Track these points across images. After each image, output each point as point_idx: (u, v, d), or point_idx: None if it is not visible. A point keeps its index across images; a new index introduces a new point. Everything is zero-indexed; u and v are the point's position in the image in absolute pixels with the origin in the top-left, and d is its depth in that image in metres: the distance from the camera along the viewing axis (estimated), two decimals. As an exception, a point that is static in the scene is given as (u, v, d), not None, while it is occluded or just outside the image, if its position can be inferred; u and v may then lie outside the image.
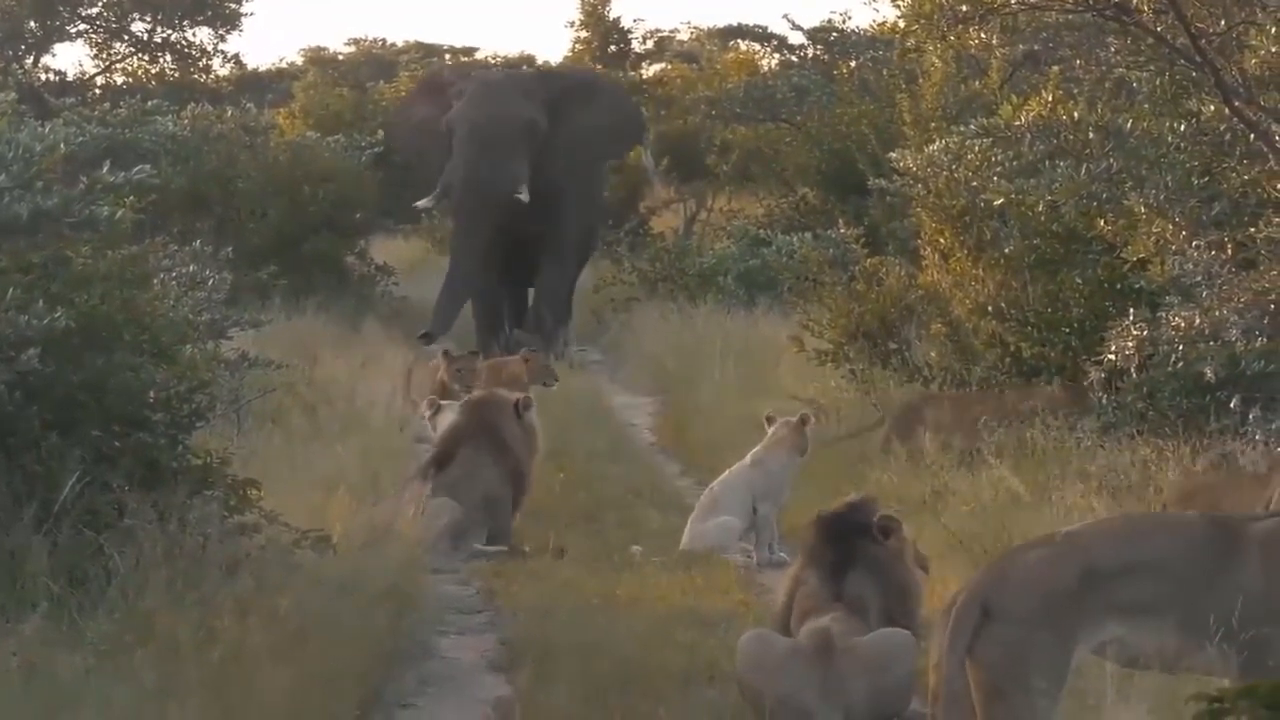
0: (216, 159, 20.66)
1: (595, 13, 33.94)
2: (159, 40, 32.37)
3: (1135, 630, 6.14)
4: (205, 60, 32.68)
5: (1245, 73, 10.28)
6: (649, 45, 35.53)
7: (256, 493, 8.69)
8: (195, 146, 20.53)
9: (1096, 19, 11.21)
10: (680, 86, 29.62)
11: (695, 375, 16.41)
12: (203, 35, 32.33)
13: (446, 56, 47.76)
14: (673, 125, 28.12)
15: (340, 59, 47.78)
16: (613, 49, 33.88)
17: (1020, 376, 12.44)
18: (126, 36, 32.48)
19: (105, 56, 32.54)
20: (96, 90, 31.17)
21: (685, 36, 38.82)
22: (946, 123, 14.76)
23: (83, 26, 32.40)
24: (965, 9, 10.68)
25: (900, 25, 17.73)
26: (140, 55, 32.54)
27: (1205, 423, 10.75)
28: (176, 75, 32.20)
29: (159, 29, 32.26)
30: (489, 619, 9.67)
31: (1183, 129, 10.71)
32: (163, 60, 32.51)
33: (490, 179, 19.54)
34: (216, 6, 32.13)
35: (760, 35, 35.73)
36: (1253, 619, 6.01)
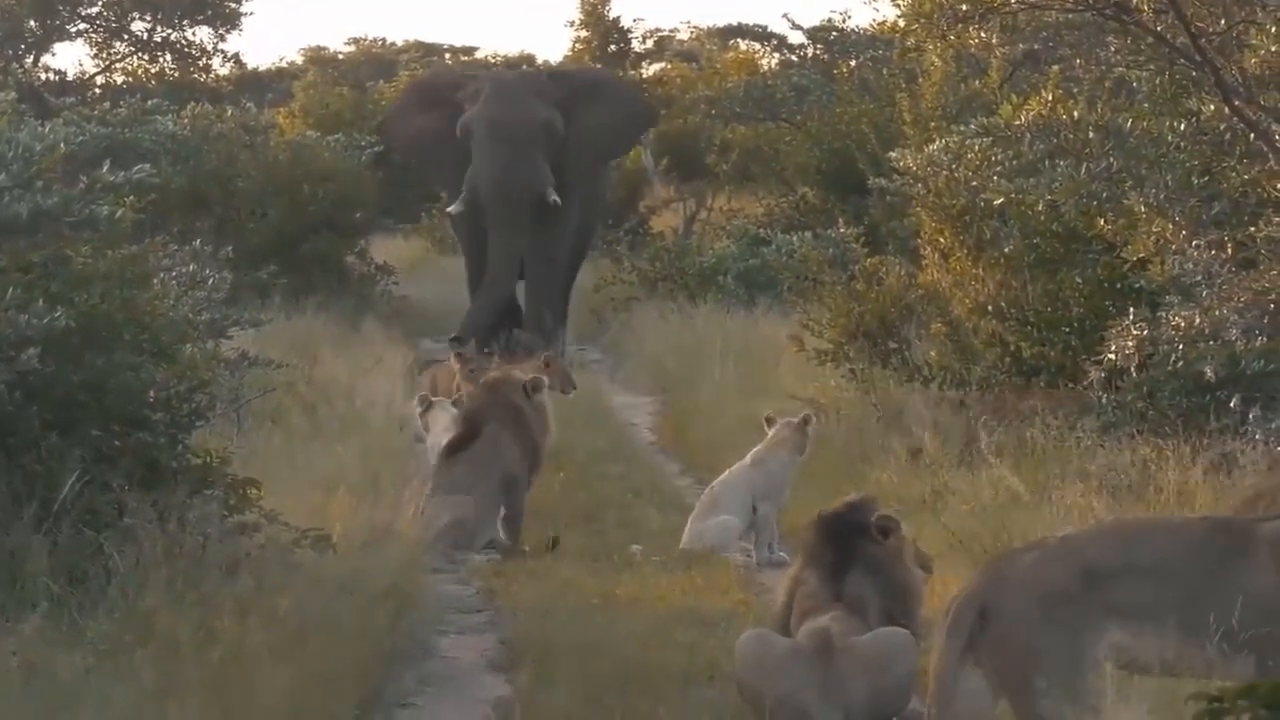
0: (216, 158, 20.66)
1: (595, 12, 33.96)
2: (159, 40, 32.39)
3: (1136, 633, 6.13)
4: (205, 60, 32.72)
5: (1245, 72, 10.28)
6: (649, 45, 35.62)
7: (256, 492, 8.68)
8: (195, 146, 20.53)
9: (1096, 18, 11.21)
10: (680, 86, 29.63)
11: (695, 375, 16.41)
12: (203, 35, 32.40)
13: (446, 56, 47.85)
14: (673, 125, 28.13)
15: (340, 58, 47.85)
16: (612, 48, 33.90)
17: (1020, 376, 12.44)
18: (126, 36, 32.49)
19: (105, 56, 32.57)
20: (96, 90, 31.19)
21: (685, 36, 38.90)
22: (946, 122, 14.77)
23: (83, 26, 32.43)
24: (965, 8, 10.68)
25: (900, 24, 17.74)
26: (140, 55, 32.57)
27: (1205, 422, 10.74)
28: (176, 75, 32.21)
29: (159, 28, 32.28)
30: (489, 619, 9.67)
31: (1183, 128, 10.70)
32: (163, 60, 32.54)
33: (519, 180, 19.47)
34: (216, 6, 32.14)
35: (760, 35, 35.78)
36: (1265, 620, 5.98)
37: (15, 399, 7.88)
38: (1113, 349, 10.55)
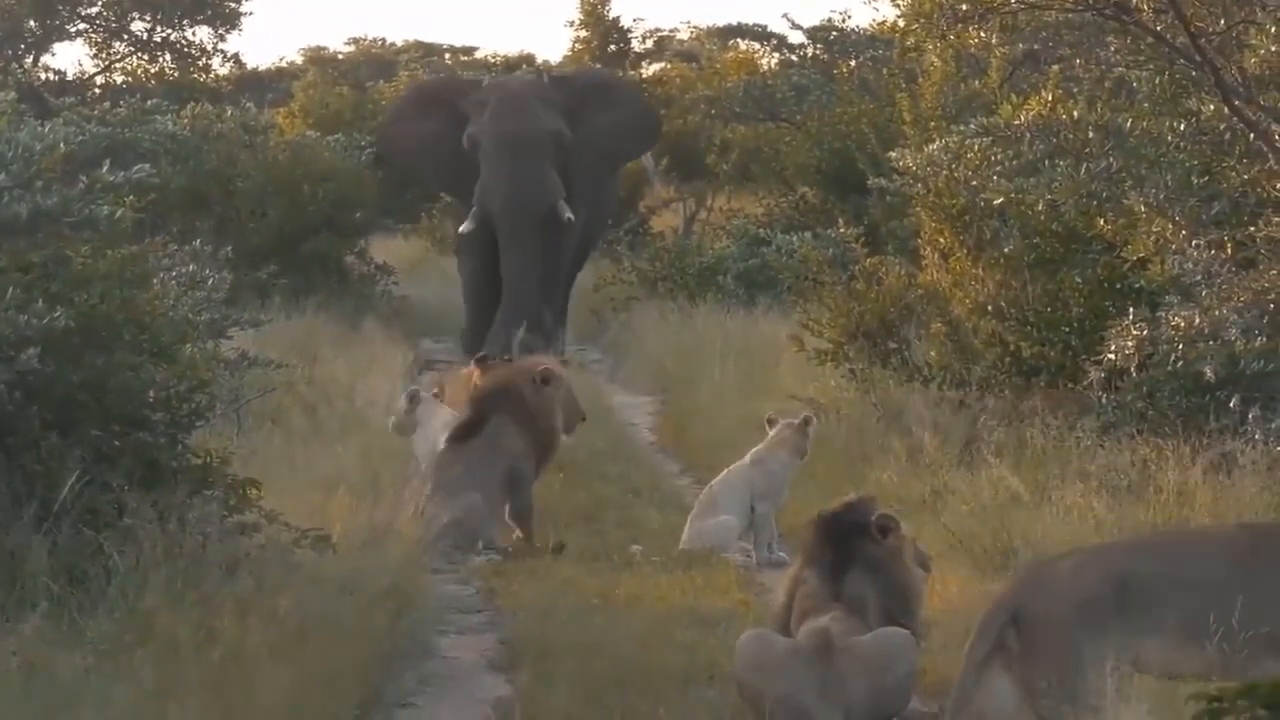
0: (216, 158, 20.64)
1: (595, 12, 33.95)
2: (159, 40, 32.37)
3: (1174, 644, 6.06)
4: (205, 60, 32.67)
5: (1245, 72, 10.27)
6: (649, 44, 35.60)
7: (256, 492, 8.68)
8: (195, 146, 20.51)
9: (1096, 18, 11.19)
10: (680, 86, 29.61)
11: (695, 375, 16.41)
12: (202, 35, 32.36)
13: (446, 56, 47.84)
14: (672, 124, 28.10)
15: (340, 58, 47.87)
16: (612, 48, 33.89)
17: (1020, 376, 12.43)
18: (126, 36, 32.47)
19: (105, 56, 32.54)
20: (96, 89, 31.18)
21: (685, 36, 38.89)
22: (946, 122, 14.75)
23: (82, 26, 32.41)
24: (965, 8, 10.67)
25: (900, 24, 17.73)
26: (140, 55, 32.54)
27: (1205, 422, 10.75)
28: (176, 75, 32.18)
29: (159, 28, 32.26)
30: (489, 618, 9.67)
31: (1182, 128, 10.69)
32: (162, 60, 32.51)
33: (532, 197, 19.39)
34: (216, 6, 32.13)
35: (760, 34, 35.78)
36: None
37: (15, 399, 7.88)
38: (1112, 349, 10.54)
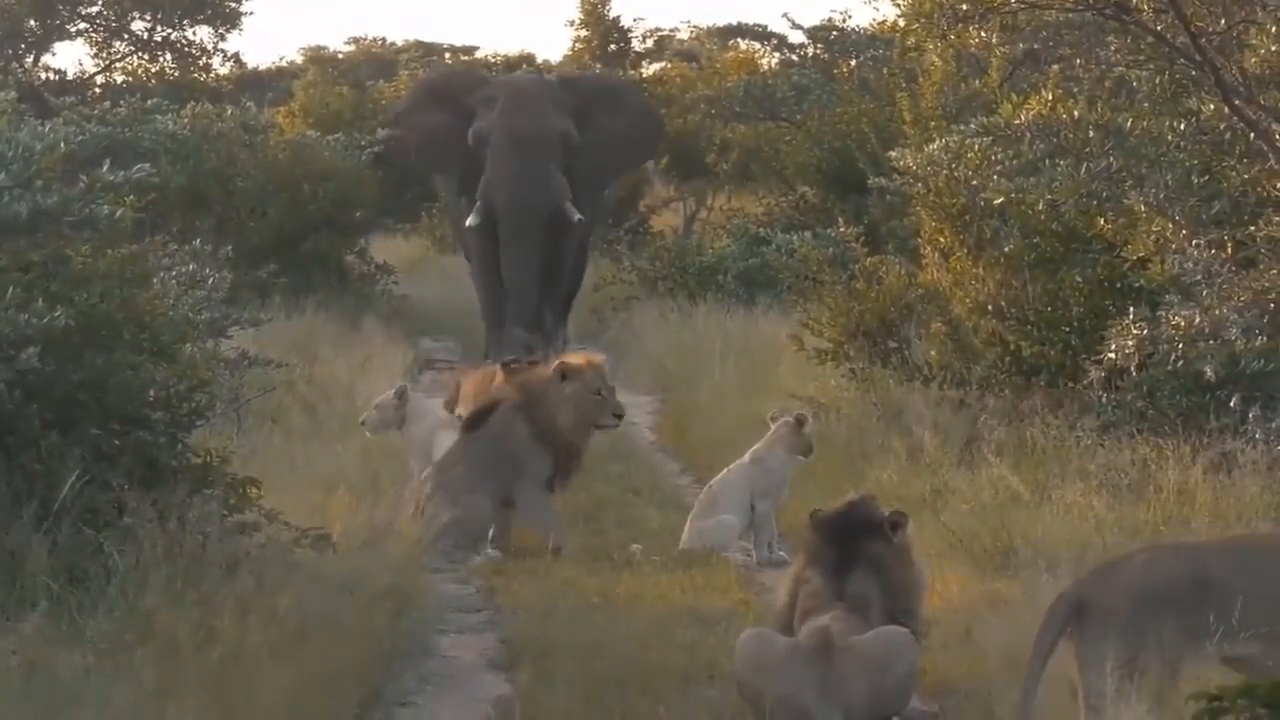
0: (216, 158, 20.64)
1: (595, 11, 33.92)
2: (159, 39, 32.38)
3: (1250, 652, 5.97)
4: (205, 59, 32.69)
5: (1245, 72, 10.28)
6: (649, 44, 35.52)
7: (256, 491, 8.68)
8: (195, 145, 20.51)
9: (1096, 18, 11.21)
10: (680, 85, 29.60)
11: (695, 374, 16.41)
12: (203, 34, 32.37)
13: (447, 56, 47.78)
14: (672, 124, 28.10)
15: (340, 58, 47.82)
16: (612, 48, 33.86)
17: (1020, 375, 12.43)
18: (126, 35, 32.48)
19: (105, 55, 32.56)
20: (96, 89, 31.19)
21: (685, 35, 38.83)
22: (946, 121, 14.75)
23: (82, 25, 32.42)
24: (965, 8, 10.68)
25: (900, 24, 17.76)
26: (140, 54, 32.55)
27: (1205, 421, 10.74)
28: (176, 74, 32.19)
29: (159, 28, 32.27)
30: (489, 618, 9.67)
31: (1182, 128, 10.70)
32: (162, 59, 32.52)
33: (537, 196, 19.39)
34: (216, 5, 32.14)
35: (760, 34, 35.75)
36: None
37: (15, 398, 7.89)
38: (1113, 348, 10.55)
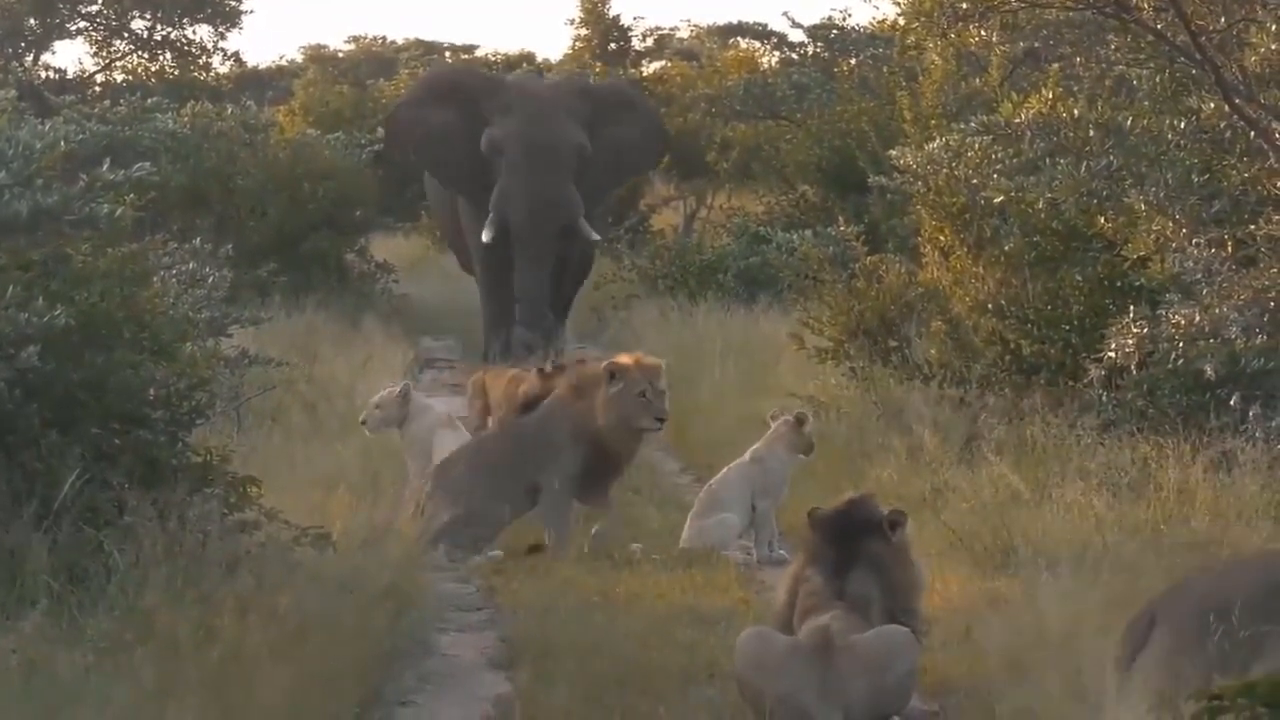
0: (216, 157, 20.63)
1: (595, 10, 33.94)
2: (159, 38, 32.39)
3: None
4: (205, 58, 32.69)
5: (1245, 70, 10.29)
6: (649, 43, 35.57)
7: (256, 490, 8.68)
8: (195, 144, 20.50)
9: (1096, 16, 11.21)
10: (680, 84, 29.62)
11: (695, 373, 16.39)
12: (203, 33, 32.39)
13: (447, 54, 47.83)
14: (673, 123, 28.12)
15: (340, 56, 47.90)
16: (612, 47, 33.88)
17: (1020, 374, 12.44)
18: (126, 34, 32.49)
19: (105, 54, 32.57)
20: (96, 88, 31.20)
21: (685, 34, 38.88)
22: (946, 120, 14.76)
23: (83, 24, 32.43)
24: (965, 6, 10.69)
25: (900, 22, 17.79)
26: (140, 53, 32.56)
27: (1205, 420, 10.74)
28: (176, 73, 32.19)
29: (159, 26, 32.29)
30: (489, 616, 9.67)
31: (1183, 126, 10.71)
32: (163, 58, 32.52)
33: (556, 212, 19.37)
34: (216, 4, 32.15)
35: (760, 33, 35.78)
36: None
37: (15, 397, 7.88)
38: (1113, 347, 10.55)
